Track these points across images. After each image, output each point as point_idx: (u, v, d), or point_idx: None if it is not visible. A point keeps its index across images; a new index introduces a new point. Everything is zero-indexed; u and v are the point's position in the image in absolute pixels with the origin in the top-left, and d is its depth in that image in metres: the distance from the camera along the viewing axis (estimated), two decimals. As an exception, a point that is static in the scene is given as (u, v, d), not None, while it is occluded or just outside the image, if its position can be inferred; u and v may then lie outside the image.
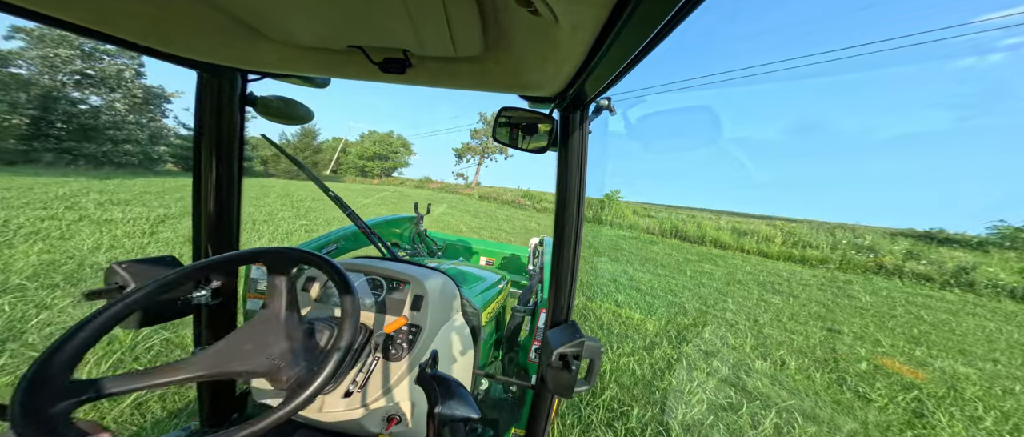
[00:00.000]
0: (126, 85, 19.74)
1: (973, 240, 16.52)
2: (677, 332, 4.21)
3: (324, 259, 0.81)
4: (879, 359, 4.21)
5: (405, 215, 2.66)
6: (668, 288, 6.70)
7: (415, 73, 0.77)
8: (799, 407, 2.85)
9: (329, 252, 1.74)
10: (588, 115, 0.88)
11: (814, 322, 5.56)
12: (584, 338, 0.87)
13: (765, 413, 2.66)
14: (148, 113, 21.52)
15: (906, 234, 17.90)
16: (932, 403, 3.16)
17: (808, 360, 3.88)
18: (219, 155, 1.02)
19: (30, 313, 2.65)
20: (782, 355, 3.92)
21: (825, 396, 3.12)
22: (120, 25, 0.69)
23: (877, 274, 11.89)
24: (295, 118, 1.12)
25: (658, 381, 2.93)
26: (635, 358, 3.28)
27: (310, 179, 1.42)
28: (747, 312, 5.70)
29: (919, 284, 10.94)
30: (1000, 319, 7.46)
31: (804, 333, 4.90)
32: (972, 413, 3.09)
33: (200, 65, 0.91)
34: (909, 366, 4.09)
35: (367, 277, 1.17)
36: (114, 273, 0.86)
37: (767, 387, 3.13)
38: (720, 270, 9.78)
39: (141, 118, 20.64)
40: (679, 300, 5.88)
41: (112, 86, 19.31)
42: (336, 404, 0.95)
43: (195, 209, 1.06)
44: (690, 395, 2.76)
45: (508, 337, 1.72)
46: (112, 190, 10.32)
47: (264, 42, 0.74)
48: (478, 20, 0.56)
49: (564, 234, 0.94)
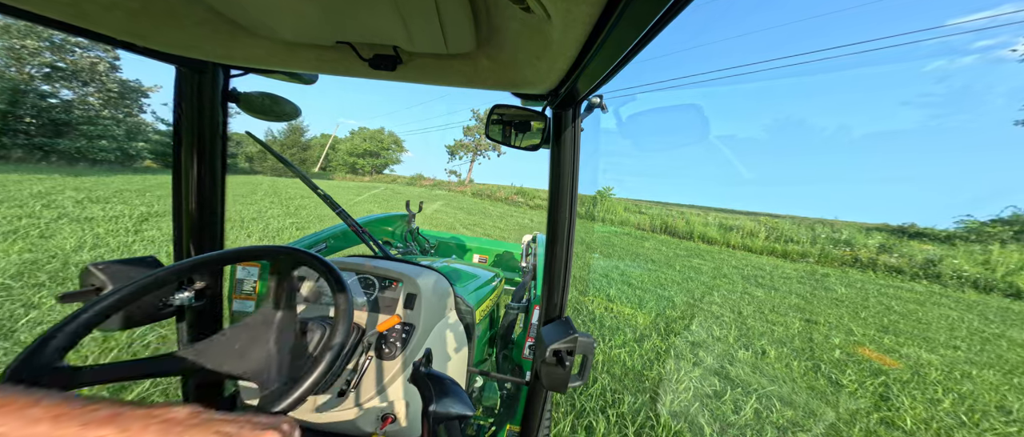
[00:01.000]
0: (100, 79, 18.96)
1: (942, 234, 17.42)
2: (666, 325, 4.38)
3: (316, 257, 0.79)
4: (852, 347, 4.47)
5: (397, 213, 2.64)
6: (658, 282, 6.90)
7: (406, 70, 0.75)
8: (777, 393, 3.03)
9: (319, 251, 1.71)
10: (580, 113, 0.88)
11: (793, 313, 5.83)
12: (577, 334, 0.87)
13: (746, 399, 2.83)
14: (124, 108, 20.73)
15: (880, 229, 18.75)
16: (897, 387, 3.40)
17: (787, 349, 4.10)
18: (200, 152, 0.99)
19: (19, 312, 2.61)
20: (763, 345, 4.13)
21: (801, 383, 3.32)
22: (96, 19, 0.67)
23: (853, 267, 12.44)
24: (281, 115, 1.09)
25: (648, 371, 3.08)
26: (626, 350, 3.42)
27: (297, 176, 1.40)
28: (732, 305, 5.94)
29: (891, 276, 11.51)
30: (962, 308, 7.95)
31: (784, 324, 5.15)
32: (932, 396, 3.34)
33: (180, 60, 0.89)
34: (879, 352, 4.36)
35: (359, 276, 1.16)
36: (90, 275, 0.81)
37: (749, 375, 3.31)
38: (707, 265, 10.08)
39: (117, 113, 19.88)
40: (668, 294, 6.08)
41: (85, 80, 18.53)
42: (329, 404, 0.94)
43: (176, 208, 1.03)
44: (678, 384, 2.91)
45: (502, 334, 1.73)
46: (89, 188, 9.96)
47: (248, 37, 0.72)
48: (470, 17, 0.55)
49: (557, 231, 0.95)
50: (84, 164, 17.38)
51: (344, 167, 48.92)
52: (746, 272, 9.72)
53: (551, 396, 1.65)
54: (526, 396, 1.16)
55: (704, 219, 17.72)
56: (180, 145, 0.98)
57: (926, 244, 14.64)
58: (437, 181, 40.85)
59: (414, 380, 0.74)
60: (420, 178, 43.46)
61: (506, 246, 2.92)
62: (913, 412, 2.95)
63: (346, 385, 0.95)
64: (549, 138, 0.93)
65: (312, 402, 0.94)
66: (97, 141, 18.50)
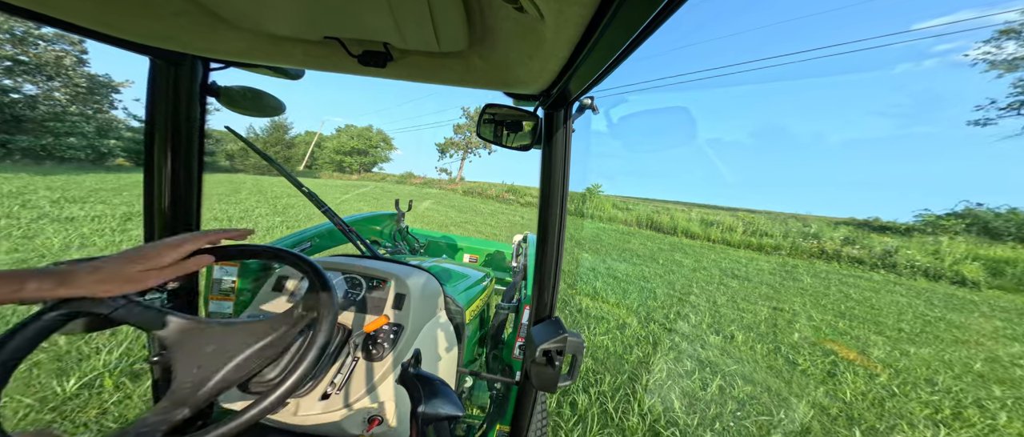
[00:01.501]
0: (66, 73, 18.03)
1: (902, 227, 18.68)
2: (647, 314, 4.74)
3: (296, 255, 0.78)
4: (811, 332, 4.94)
5: (386, 212, 2.60)
6: (641, 276, 7.31)
7: (397, 67, 0.74)
8: (740, 372, 3.41)
9: (303, 250, 1.67)
10: (572, 113, 0.88)
11: (763, 302, 6.32)
12: (567, 334, 0.87)
13: (713, 378, 3.19)
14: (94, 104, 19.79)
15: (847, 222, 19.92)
16: (843, 365, 3.86)
17: (753, 334, 4.52)
18: (175, 148, 0.94)
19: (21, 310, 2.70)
20: (732, 330, 4.54)
21: (762, 363, 3.72)
22: (64, 7, 0.63)
23: (820, 259, 13.27)
24: (264, 110, 1.04)
25: (627, 355, 3.40)
26: (609, 337, 3.74)
27: (281, 173, 1.35)
28: (708, 295, 6.38)
29: (853, 266, 12.37)
30: (912, 295, 8.71)
31: (753, 312, 5.61)
32: (872, 371, 3.81)
33: (155, 51, 0.84)
34: (833, 336, 4.84)
35: (345, 275, 1.14)
36: None
37: (717, 357, 3.68)
38: (689, 259, 10.59)
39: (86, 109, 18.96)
40: (650, 286, 6.48)
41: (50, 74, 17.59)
42: (312, 407, 0.91)
43: (147, 206, 0.97)
44: (654, 365, 3.24)
45: (492, 334, 1.73)
46: (61, 187, 9.64)
47: (229, 29, 0.68)
48: (463, 15, 0.55)
49: (548, 231, 0.95)
50: (52, 162, 16.57)
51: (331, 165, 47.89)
52: (723, 265, 10.29)
53: (546, 398, 1.69)
54: (516, 396, 1.16)
55: (687, 215, 18.40)
56: (153, 141, 0.93)
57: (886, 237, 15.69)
58: (428, 179, 40.16)
59: (402, 381, 0.73)
60: (410, 176, 42.85)
61: (497, 246, 2.93)
62: (854, 386, 3.39)
63: (330, 387, 0.92)
64: (540, 138, 0.93)
65: (293, 405, 0.91)
66: (64, 138, 17.63)
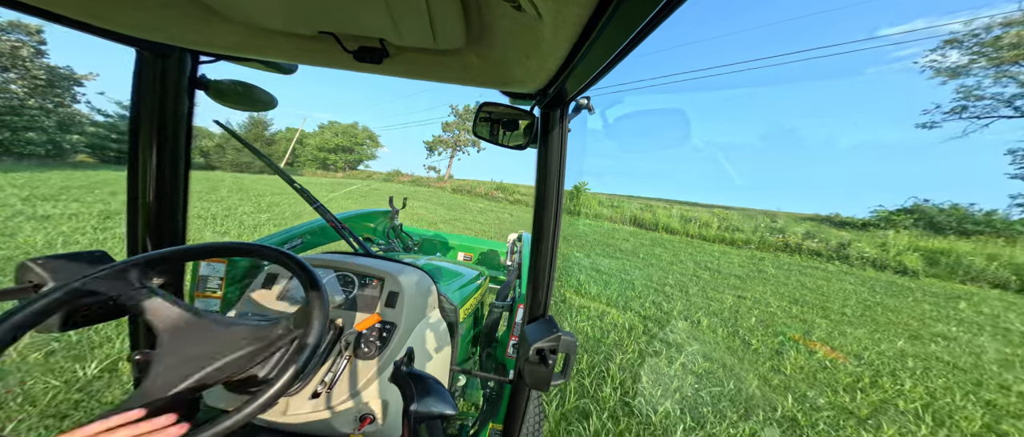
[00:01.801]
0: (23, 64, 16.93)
1: (859, 222, 20.19)
2: (624, 303, 5.19)
3: (285, 253, 0.77)
4: (768, 318, 5.53)
5: (379, 209, 2.59)
6: (623, 269, 7.82)
7: (392, 64, 0.73)
8: (701, 351, 3.89)
9: (293, 247, 1.66)
10: (568, 113, 0.88)
11: (729, 291, 6.93)
12: (561, 333, 0.87)
13: (677, 356, 3.64)
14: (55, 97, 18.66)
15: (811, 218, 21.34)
16: (789, 344, 4.42)
17: (717, 319, 5.05)
18: (161, 142, 0.92)
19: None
20: (699, 316, 5.06)
21: (722, 344, 4.23)
22: None
23: (784, 252, 14.31)
24: (255, 105, 1.02)
25: (604, 338, 3.81)
26: (589, 323, 4.15)
27: (275, 171, 1.34)
28: (682, 286, 6.94)
29: (812, 258, 13.44)
30: (859, 283, 9.67)
31: (719, 300, 6.19)
32: (811, 348, 4.39)
33: (142, 43, 0.82)
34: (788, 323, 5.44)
35: (337, 273, 1.13)
36: (28, 271, 0.73)
37: (683, 339, 4.16)
38: (668, 254, 11.26)
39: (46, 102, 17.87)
40: (630, 278, 6.99)
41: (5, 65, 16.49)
42: (303, 406, 0.90)
43: (132, 203, 0.95)
44: (627, 346, 3.66)
45: (486, 333, 1.72)
46: (25, 184, 9.27)
47: (221, 22, 0.67)
48: (460, 13, 0.54)
49: (542, 231, 0.95)
50: (10, 159, 15.61)
51: (314, 163, 46.59)
52: (698, 258, 11.01)
53: (540, 396, 1.73)
54: (509, 395, 1.16)
55: (668, 212, 19.27)
56: (138, 136, 0.91)
57: (844, 231, 17.00)
58: (416, 177, 39.61)
59: (395, 379, 0.73)
60: (397, 174, 41.96)
61: (491, 244, 2.92)
62: (794, 362, 3.93)
63: (321, 386, 0.92)
64: (536, 137, 0.93)
65: (283, 404, 0.90)
66: (22, 133, 16.62)
